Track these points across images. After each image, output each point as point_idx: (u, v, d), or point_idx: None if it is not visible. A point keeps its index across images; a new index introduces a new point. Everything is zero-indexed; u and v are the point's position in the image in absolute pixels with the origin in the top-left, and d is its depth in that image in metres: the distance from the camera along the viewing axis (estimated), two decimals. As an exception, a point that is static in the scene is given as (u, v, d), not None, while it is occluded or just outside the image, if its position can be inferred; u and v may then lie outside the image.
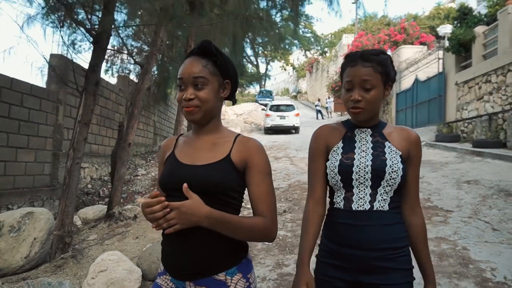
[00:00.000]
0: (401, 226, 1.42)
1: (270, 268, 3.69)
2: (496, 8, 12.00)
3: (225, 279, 1.27)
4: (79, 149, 4.05)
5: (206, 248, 1.25)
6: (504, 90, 10.47)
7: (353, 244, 1.37)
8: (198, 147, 1.36)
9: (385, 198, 1.39)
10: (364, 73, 1.40)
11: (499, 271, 3.20)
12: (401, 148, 1.44)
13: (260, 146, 1.37)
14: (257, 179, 1.32)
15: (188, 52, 1.39)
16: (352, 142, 1.47)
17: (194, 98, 1.29)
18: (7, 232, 3.87)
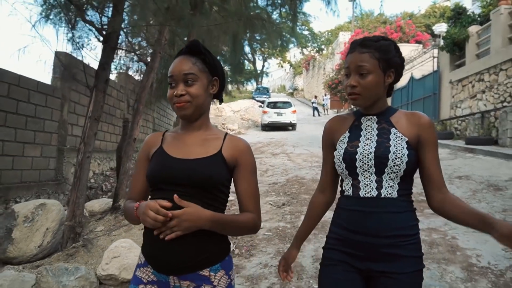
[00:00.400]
0: (411, 214, 1.41)
1: (272, 256, 3.92)
2: (489, 8, 12.27)
3: (209, 275, 1.32)
4: (89, 143, 4.26)
5: (192, 245, 1.29)
6: (496, 88, 10.74)
7: (362, 230, 1.37)
8: (189, 143, 1.40)
9: (392, 185, 1.39)
10: (360, 59, 1.41)
11: (483, 257, 3.45)
12: (408, 134, 1.41)
13: (249, 145, 1.45)
14: (246, 177, 1.40)
15: (178, 52, 1.45)
16: (358, 130, 1.48)
17: (185, 94, 1.34)
18: (21, 222, 4.08)
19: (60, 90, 7.17)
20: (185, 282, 1.32)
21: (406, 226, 1.37)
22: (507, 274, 3.10)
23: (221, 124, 21.30)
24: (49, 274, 3.23)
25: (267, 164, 10.23)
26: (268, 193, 6.84)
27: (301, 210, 5.52)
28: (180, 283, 1.32)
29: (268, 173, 8.95)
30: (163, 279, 1.34)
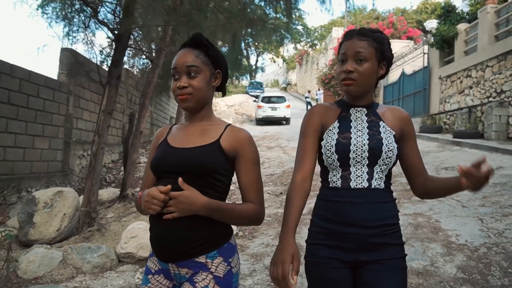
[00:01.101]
0: (394, 204, 1.45)
1: (272, 237, 4.31)
2: (477, 6, 12.70)
3: (205, 262, 1.32)
4: (103, 135, 4.59)
5: (186, 233, 1.30)
6: (482, 84, 11.19)
7: (350, 222, 1.37)
8: (189, 133, 1.43)
9: (381, 177, 1.41)
10: (359, 45, 1.41)
11: (462, 236, 3.86)
12: (394, 128, 1.45)
13: (250, 137, 1.44)
14: (247, 168, 1.39)
15: (181, 45, 1.46)
16: (347, 121, 1.47)
17: (188, 86, 1.36)
18: (41, 208, 4.42)
19: (66, 85, 7.47)
20: (183, 270, 1.34)
21: (391, 216, 1.41)
22: (480, 250, 3.52)
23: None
24: (74, 252, 3.59)
25: (263, 157, 10.61)
26: (266, 183, 7.22)
27: (298, 198, 5.91)
28: (179, 270, 1.35)
29: (265, 165, 9.33)
30: (165, 267, 1.37)
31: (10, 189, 5.87)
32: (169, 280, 1.39)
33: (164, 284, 1.38)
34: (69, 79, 7.57)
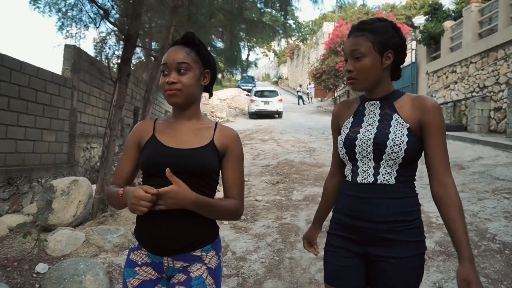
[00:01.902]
0: (411, 200, 1.39)
1: (272, 220, 4.75)
2: (462, 5, 13.22)
3: (200, 255, 1.39)
4: (114, 128, 4.97)
5: (185, 228, 1.35)
6: (467, 80, 11.74)
7: (357, 215, 1.40)
8: (182, 132, 1.44)
9: (389, 172, 1.38)
10: (353, 43, 1.41)
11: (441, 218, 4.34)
12: (410, 120, 1.38)
13: (238, 134, 1.51)
14: (234, 165, 1.45)
15: (173, 42, 1.48)
16: (361, 116, 1.48)
17: (177, 82, 1.37)
18: (59, 195, 4.79)
19: (70, 81, 7.78)
20: (178, 262, 1.39)
21: (404, 212, 1.36)
22: (457, 228, 4.01)
23: (210, 112, 21.94)
24: (95, 233, 3.99)
25: (258, 149, 11.04)
26: (263, 173, 7.66)
27: (293, 187, 6.35)
28: (174, 263, 1.39)
29: (260, 157, 9.75)
30: (157, 260, 1.40)
31: (22, 179, 6.21)
32: (157, 272, 1.42)
33: (152, 275, 1.41)
34: (73, 75, 7.88)
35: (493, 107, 10.49)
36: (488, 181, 5.77)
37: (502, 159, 7.21)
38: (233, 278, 3.25)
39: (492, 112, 10.53)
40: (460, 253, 1.27)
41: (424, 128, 1.37)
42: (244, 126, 17.45)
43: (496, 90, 10.42)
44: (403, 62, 1.48)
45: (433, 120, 1.36)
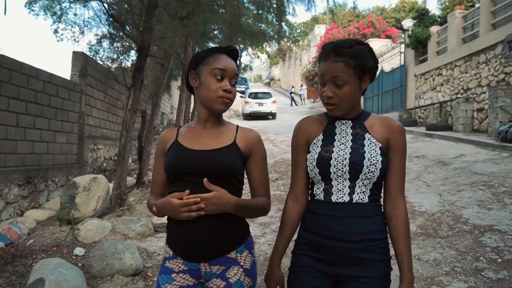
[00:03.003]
0: (380, 218, 1.42)
1: (275, 211, 5.29)
2: (447, 11, 13.89)
3: (235, 257, 1.42)
4: (130, 130, 5.47)
5: (217, 232, 1.38)
6: (452, 82, 12.40)
7: (332, 235, 1.37)
8: (204, 135, 1.48)
9: (364, 191, 1.39)
10: (335, 69, 1.37)
11: (423, 206, 4.92)
12: (381, 139, 1.41)
13: (260, 136, 1.56)
14: (259, 165, 1.50)
15: (219, 48, 1.51)
16: (332, 134, 1.46)
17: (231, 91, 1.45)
18: (81, 191, 5.29)
19: (79, 85, 8.27)
20: (215, 267, 1.41)
21: (375, 230, 1.38)
22: (436, 215, 4.58)
23: (205, 114, 22.40)
24: (120, 223, 4.50)
25: (254, 149, 11.57)
26: (261, 171, 8.21)
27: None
28: (211, 268, 1.42)
29: (257, 156, 10.30)
30: (194, 267, 1.43)
31: (39, 178, 6.69)
32: (195, 279, 1.45)
33: (190, 281, 1.45)
34: (81, 80, 8.36)
35: (476, 108, 11.13)
36: (467, 176, 6.37)
37: (482, 156, 7.83)
38: (244, 257, 3.80)
39: (475, 112, 11.17)
40: (402, 275, 1.36)
41: (390, 149, 1.42)
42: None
43: (478, 92, 11.07)
44: (372, 81, 1.49)
45: (399, 142, 1.42)
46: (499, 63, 10.19)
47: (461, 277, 3.10)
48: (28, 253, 3.91)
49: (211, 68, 1.43)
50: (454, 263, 3.35)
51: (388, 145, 1.42)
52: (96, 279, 3.40)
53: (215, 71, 1.43)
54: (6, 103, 5.93)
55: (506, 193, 5.19)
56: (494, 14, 10.97)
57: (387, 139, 1.42)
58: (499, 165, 6.93)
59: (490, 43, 10.59)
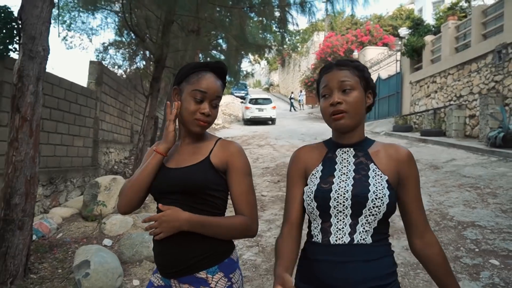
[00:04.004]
0: (388, 260, 1.25)
1: (278, 209, 5.81)
2: (441, 21, 14.49)
3: (206, 277, 1.34)
4: (147, 134, 6.00)
5: (186, 249, 1.34)
6: (445, 89, 12.98)
7: (332, 284, 1.20)
8: (182, 152, 1.47)
9: (367, 230, 1.22)
10: (342, 75, 1.31)
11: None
12: (388, 171, 1.27)
13: (240, 148, 1.46)
14: (237, 180, 1.41)
15: (205, 64, 1.47)
16: (332, 164, 1.34)
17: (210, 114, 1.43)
18: (103, 190, 5.80)
19: (95, 93, 8.79)
20: (184, 286, 1.37)
21: (382, 276, 1.21)
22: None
23: (207, 119, 22.93)
24: (140, 219, 5.01)
25: (256, 153, 12.09)
26: (264, 174, 8.72)
27: (293, 184, 7.43)
28: (180, 286, 1.38)
29: (259, 160, 10.81)
30: (167, 283, 1.42)
31: (60, 179, 7.19)
32: None
33: None
34: (97, 87, 8.89)
35: (468, 114, 11.70)
36: (456, 178, 6.91)
37: (471, 160, 8.38)
38: (254, 247, 4.31)
39: (467, 119, 11.74)
40: None
41: (401, 181, 1.28)
42: (240, 132, 18.51)
43: (470, 99, 11.65)
44: (371, 109, 1.41)
45: (411, 172, 1.29)
46: (490, 72, 10.77)
47: (443, 262, 3.62)
48: (62, 244, 4.43)
49: (192, 88, 1.41)
50: (438, 251, 3.88)
51: (399, 177, 1.28)
52: (127, 264, 3.91)
53: (195, 93, 1.40)
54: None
55: (490, 194, 5.73)
56: (485, 25, 11.57)
57: (396, 171, 1.28)
58: (486, 168, 7.47)
59: (481, 52, 11.17)
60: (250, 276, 3.58)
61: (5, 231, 3.31)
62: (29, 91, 3.47)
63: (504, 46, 10.11)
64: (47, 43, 3.64)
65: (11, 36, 5.78)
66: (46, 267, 3.72)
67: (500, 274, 3.25)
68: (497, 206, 5.06)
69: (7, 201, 3.34)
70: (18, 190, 3.37)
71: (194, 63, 1.49)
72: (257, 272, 3.68)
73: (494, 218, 4.65)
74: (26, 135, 3.44)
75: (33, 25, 3.49)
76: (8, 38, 5.77)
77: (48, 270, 3.66)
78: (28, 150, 3.45)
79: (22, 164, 3.40)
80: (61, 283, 3.40)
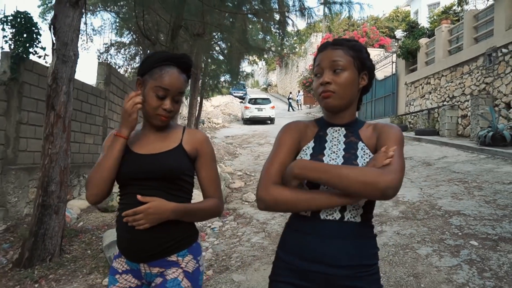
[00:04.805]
0: (373, 241, 1.27)
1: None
2: (435, 24, 14.99)
3: (177, 260, 1.42)
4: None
5: (159, 234, 1.38)
6: (439, 90, 13.46)
7: (319, 259, 1.20)
8: (151, 139, 1.48)
9: (357, 208, 1.22)
10: (334, 55, 1.29)
11: (406, 197, 5.91)
12: (374, 149, 1.26)
13: (207, 136, 1.55)
14: (207, 166, 1.51)
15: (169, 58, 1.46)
16: (323, 142, 1.32)
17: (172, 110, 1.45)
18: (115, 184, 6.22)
19: (104, 92, 9.22)
20: (154, 269, 1.42)
21: (367, 255, 1.23)
22: (415, 203, 5.57)
23: (207, 119, 23.38)
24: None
25: (257, 151, 12.54)
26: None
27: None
28: (150, 269, 1.43)
29: (260, 158, 11.26)
30: (135, 267, 1.44)
31: (74, 175, 7.61)
32: (137, 279, 1.47)
33: (132, 282, 1.46)
34: (105, 87, 9.32)
35: (460, 114, 12.19)
36: (446, 174, 7.38)
37: (462, 158, 8.86)
38: (261, 233, 4.76)
39: (459, 119, 12.22)
40: None
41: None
42: (240, 131, 18.95)
43: (462, 100, 12.13)
44: (368, 91, 1.40)
45: (390, 133, 1.26)
46: (481, 74, 11.26)
47: (429, 244, 4.07)
48: (85, 231, 4.87)
49: (155, 84, 1.41)
50: (425, 236, 4.33)
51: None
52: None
53: (158, 89, 1.41)
54: (49, 108, 6.87)
55: (476, 188, 6.20)
56: (476, 29, 12.06)
57: (375, 144, 1.28)
58: (475, 165, 7.95)
59: (472, 55, 11.66)
60: (259, 255, 4.03)
61: (43, 215, 3.75)
62: (62, 91, 3.91)
63: (494, 49, 10.60)
64: (77, 48, 4.08)
65: (31, 39, 6.21)
66: (76, 249, 4.16)
67: (478, 252, 3.71)
68: (482, 198, 5.53)
69: (45, 188, 3.78)
70: (54, 179, 3.81)
71: (159, 55, 1.47)
72: (265, 252, 4.13)
73: (478, 208, 5.11)
74: (60, 130, 3.88)
75: (65, 33, 3.92)
76: (28, 42, 6.20)
77: (78, 251, 4.10)
78: (62, 144, 3.89)
79: (57, 156, 3.84)
80: (93, 261, 3.84)
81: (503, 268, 3.34)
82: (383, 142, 1.24)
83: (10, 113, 6.00)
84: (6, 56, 6.02)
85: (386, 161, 1.17)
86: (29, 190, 6.22)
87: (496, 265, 3.42)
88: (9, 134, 5.98)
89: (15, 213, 5.82)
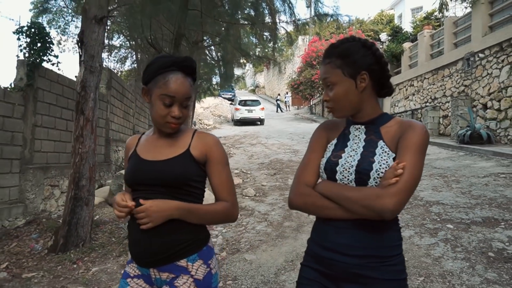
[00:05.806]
0: (393, 234, 1.30)
1: (278, 195, 6.84)
2: (418, 29, 15.78)
3: (186, 265, 1.39)
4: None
5: (166, 238, 1.36)
6: (421, 92, 14.22)
7: (334, 248, 1.29)
8: (159, 144, 1.47)
9: None
10: (323, 71, 1.36)
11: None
12: (394, 149, 1.27)
13: (217, 140, 1.51)
14: (218, 170, 1.46)
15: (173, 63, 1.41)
16: (345, 140, 1.39)
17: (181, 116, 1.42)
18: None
19: (106, 96, 9.69)
20: (164, 274, 1.40)
21: (383, 247, 1.27)
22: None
23: (198, 120, 23.87)
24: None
25: (250, 151, 13.11)
26: (260, 168, 9.74)
27: (287, 176, 8.46)
28: (160, 274, 1.41)
29: (254, 157, 11.83)
30: (145, 273, 1.44)
31: (81, 174, 8.08)
32: (149, 285, 1.45)
33: (144, 287, 1.45)
34: (107, 91, 9.78)
35: (442, 115, 12.95)
36: (428, 169, 8.05)
37: (443, 155, 9.57)
38: (263, 222, 5.33)
39: (441, 119, 12.99)
40: None
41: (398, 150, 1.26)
42: (231, 132, 19.49)
43: (443, 101, 12.90)
44: (387, 77, 1.38)
45: (408, 141, 1.24)
46: (460, 77, 12.03)
47: (411, 228, 4.69)
48: (104, 222, 5.37)
49: (160, 92, 1.38)
50: (408, 221, 4.96)
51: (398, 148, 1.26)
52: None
53: (164, 98, 1.38)
54: (59, 112, 7.32)
55: (454, 181, 6.87)
56: (455, 35, 12.85)
57: (397, 144, 1.27)
58: (454, 161, 8.66)
59: (452, 59, 12.43)
60: (265, 240, 4.60)
61: (75, 206, 4.26)
62: (90, 97, 4.43)
63: (472, 54, 11.37)
64: (101, 60, 4.60)
65: (45, 48, 6.68)
66: (101, 237, 4.67)
67: (452, 233, 4.34)
68: (459, 190, 6.20)
69: (76, 183, 4.29)
70: (84, 175, 4.32)
71: (161, 61, 1.43)
72: (269, 237, 4.70)
73: (455, 198, 5.77)
74: (89, 132, 4.39)
75: (92, 46, 4.44)
76: (42, 51, 6.66)
77: (104, 239, 4.62)
78: (90, 144, 4.40)
79: (87, 154, 4.35)
80: (118, 246, 4.36)
81: (472, 244, 3.98)
82: (400, 150, 1.25)
83: (27, 117, 6.45)
84: (22, 64, 6.48)
85: (392, 181, 1.18)
86: (44, 187, 6.68)
87: (466, 242, 4.05)
88: (26, 136, 6.44)
89: (33, 208, 6.29)
